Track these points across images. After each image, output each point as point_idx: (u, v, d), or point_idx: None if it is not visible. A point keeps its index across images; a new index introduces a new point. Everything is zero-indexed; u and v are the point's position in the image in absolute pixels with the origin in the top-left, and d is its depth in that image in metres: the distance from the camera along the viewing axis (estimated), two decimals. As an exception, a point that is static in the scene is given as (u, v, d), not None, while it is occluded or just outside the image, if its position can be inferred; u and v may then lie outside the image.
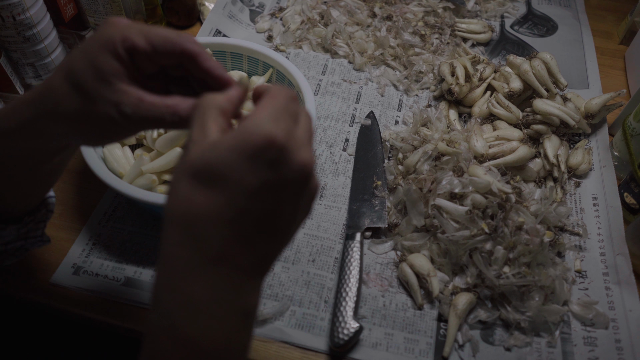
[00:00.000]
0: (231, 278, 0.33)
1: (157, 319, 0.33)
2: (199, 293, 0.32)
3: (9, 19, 0.69)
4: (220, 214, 0.32)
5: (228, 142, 0.31)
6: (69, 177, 0.70)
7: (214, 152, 0.32)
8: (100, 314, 0.58)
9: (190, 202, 0.32)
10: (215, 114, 0.34)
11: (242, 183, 0.31)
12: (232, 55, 0.75)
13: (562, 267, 0.61)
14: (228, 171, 0.31)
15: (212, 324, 0.33)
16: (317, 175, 0.39)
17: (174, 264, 0.33)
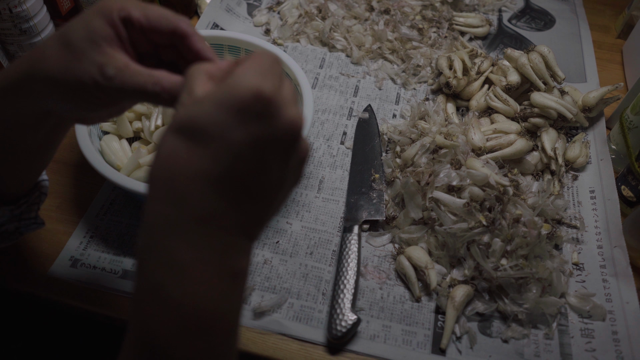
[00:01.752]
0: (217, 239, 0.32)
1: (142, 282, 0.32)
2: (183, 252, 0.31)
3: (5, 11, 0.69)
4: (205, 171, 0.31)
5: (213, 96, 0.31)
6: (67, 170, 0.70)
7: (198, 106, 0.31)
8: (98, 306, 0.58)
9: (174, 158, 0.31)
10: (203, 78, 0.33)
11: (227, 138, 0.30)
12: (229, 48, 0.75)
13: (559, 259, 0.61)
14: (213, 126, 0.30)
15: (198, 285, 0.32)
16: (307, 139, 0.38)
17: (157, 222, 0.32)
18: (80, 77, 0.36)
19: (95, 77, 0.36)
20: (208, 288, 0.32)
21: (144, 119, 0.64)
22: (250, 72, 0.31)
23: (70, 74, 0.36)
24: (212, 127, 0.30)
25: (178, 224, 0.31)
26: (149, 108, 0.64)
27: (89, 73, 0.36)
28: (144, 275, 0.32)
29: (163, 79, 0.36)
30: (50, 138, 0.45)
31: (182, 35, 0.38)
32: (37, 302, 0.60)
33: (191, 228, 0.31)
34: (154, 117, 0.63)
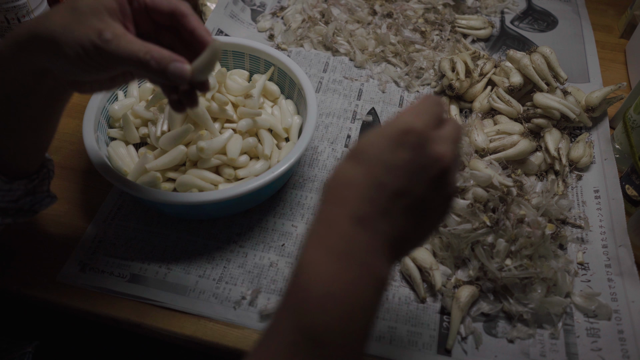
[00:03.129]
0: (368, 239, 0.37)
1: (299, 259, 0.38)
2: (338, 243, 0.37)
3: (13, 21, 0.70)
4: (362, 182, 0.38)
5: (379, 129, 0.39)
6: (75, 176, 0.71)
7: (366, 137, 0.39)
8: (107, 310, 0.58)
9: (342, 172, 0.39)
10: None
11: (381, 158, 0.38)
12: (234, 54, 0.76)
13: (564, 259, 0.61)
14: (371, 148, 0.39)
15: (346, 274, 0.36)
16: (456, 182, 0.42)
17: (322, 217, 0.38)
18: (80, 38, 0.41)
19: (93, 39, 0.41)
20: (354, 279, 0.36)
21: (150, 125, 0.65)
22: (407, 113, 0.39)
23: (71, 34, 0.41)
24: (370, 149, 0.39)
25: (338, 219, 0.37)
26: (154, 114, 0.65)
27: (88, 36, 0.41)
28: (302, 253, 0.38)
29: (153, 50, 0.42)
30: (49, 106, 0.49)
31: (181, 15, 0.45)
32: (47, 306, 0.60)
33: (347, 223, 0.37)
34: (160, 123, 0.64)
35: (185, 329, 0.57)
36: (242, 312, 0.58)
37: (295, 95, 0.73)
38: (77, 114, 0.80)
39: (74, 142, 0.76)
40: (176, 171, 0.63)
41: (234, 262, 0.63)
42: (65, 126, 0.78)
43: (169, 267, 0.62)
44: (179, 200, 0.57)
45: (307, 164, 0.73)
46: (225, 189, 0.58)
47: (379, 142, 0.39)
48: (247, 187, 0.58)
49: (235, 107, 0.68)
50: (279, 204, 0.68)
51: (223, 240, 0.64)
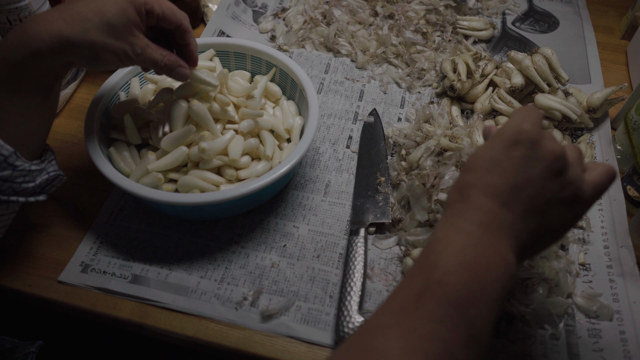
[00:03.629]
0: (493, 228, 0.41)
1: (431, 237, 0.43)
2: (468, 227, 0.42)
3: (15, 22, 0.71)
4: (480, 181, 0.43)
5: (490, 139, 0.45)
6: (76, 176, 0.71)
7: (481, 147, 0.46)
8: (108, 310, 0.58)
9: (460, 180, 0.45)
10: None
11: (497, 158, 0.43)
12: (235, 55, 0.76)
13: (565, 260, 0.61)
14: (486, 152, 0.44)
15: (475, 248, 0.40)
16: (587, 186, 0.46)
17: (450, 212, 0.44)
18: (117, 50, 0.53)
19: (128, 52, 0.54)
20: (481, 252, 0.40)
21: (152, 126, 0.65)
22: (515, 118, 0.45)
23: (109, 47, 0.53)
24: (487, 153, 0.44)
25: (465, 212, 0.43)
26: (156, 115, 0.65)
27: (124, 49, 0.54)
28: (436, 233, 0.43)
29: (166, 57, 0.58)
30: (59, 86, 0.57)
31: (184, 30, 0.59)
32: (48, 307, 0.60)
33: (473, 214, 0.42)
34: (162, 124, 0.64)
35: (187, 330, 0.57)
36: (243, 312, 0.58)
37: (296, 96, 0.73)
38: (79, 115, 0.80)
39: (75, 143, 0.76)
40: (178, 172, 0.64)
41: (235, 262, 0.63)
42: (66, 127, 0.78)
43: (170, 268, 0.62)
44: (181, 201, 0.57)
45: (309, 165, 0.73)
46: (227, 190, 0.58)
47: (494, 146, 0.44)
48: (249, 188, 0.58)
49: (236, 108, 0.68)
50: (281, 204, 0.68)
51: (224, 241, 0.65)
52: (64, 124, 0.79)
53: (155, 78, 0.71)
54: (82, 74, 0.85)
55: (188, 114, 0.63)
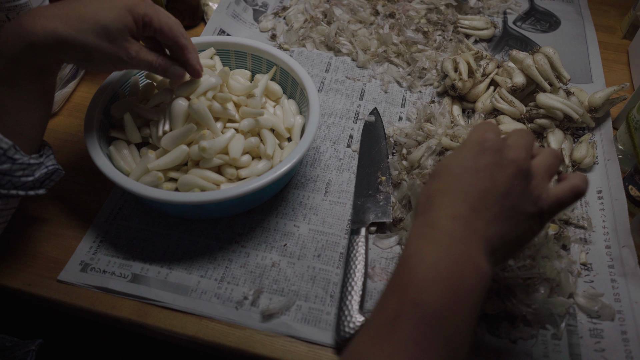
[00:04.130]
0: (465, 234, 0.42)
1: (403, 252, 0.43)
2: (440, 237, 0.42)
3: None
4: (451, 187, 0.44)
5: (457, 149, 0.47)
6: (76, 175, 0.71)
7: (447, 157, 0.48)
8: (108, 309, 0.58)
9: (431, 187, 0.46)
10: None
11: (465, 165, 0.45)
12: (236, 53, 0.76)
13: (567, 259, 0.61)
14: (454, 161, 0.46)
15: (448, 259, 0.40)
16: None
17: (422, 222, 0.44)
18: (111, 54, 0.54)
19: (122, 56, 0.55)
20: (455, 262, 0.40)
21: (152, 125, 0.65)
22: (477, 129, 0.48)
23: (104, 51, 0.53)
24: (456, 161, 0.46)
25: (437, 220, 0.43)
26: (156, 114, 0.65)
27: (117, 53, 0.54)
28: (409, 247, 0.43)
29: (159, 59, 0.59)
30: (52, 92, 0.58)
31: (180, 47, 0.60)
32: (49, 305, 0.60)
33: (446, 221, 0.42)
34: (162, 123, 0.63)
35: (187, 329, 0.57)
36: (244, 312, 0.58)
37: (297, 95, 0.73)
38: (79, 114, 0.80)
39: (75, 141, 0.76)
40: (178, 171, 0.63)
41: (235, 262, 0.62)
42: (66, 126, 0.78)
43: (170, 267, 0.62)
44: (181, 200, 0.57)
45: (310, 164, 0.73)
46: (228, 189, 0.58)
47: (461, 155, 0.46)
48: (249, 187, 0.57)
49: (237, 107, 0.68)
50: (281, 204, 0.68)
51: (225, 240, 0.64)
52: (63, 122, 0.79)
53: (156, 76, 0.71)
54: (81, 72, 0.85)
55: (188, 112, 0.63)
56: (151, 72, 0.60)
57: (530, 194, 0.45)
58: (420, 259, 0.41)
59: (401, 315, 0.38)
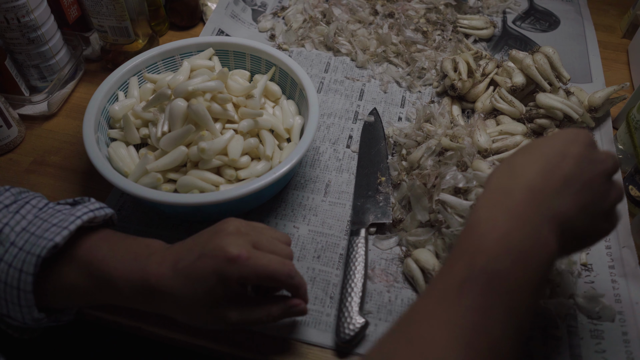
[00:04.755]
0: (540, 210, 0.41)
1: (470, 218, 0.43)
2: (513, 207, 0.41)
3: (13, 21, 0.70)
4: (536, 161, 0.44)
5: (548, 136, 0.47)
6: (75, 177, 0.71)
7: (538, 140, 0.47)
8: (108, 312, 0.58)
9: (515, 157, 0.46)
10: None
11: (556, 148, 0.44)
12: (234, 54, 0.75)
13: (567, 260, 0.61)
14: (544, 142, 0.46)
15: (520, 232, 0.40)
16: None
17: (495, 186, 0.44)
18: (213, 325, 0.49)
19: (222, 325, 0.48)
20: (526, 236, 0.40)
21: (151, 126, 0.65)
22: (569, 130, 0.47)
23: (204, 322, 0.49)
24: (548, 142, 0.45)
25: (513, 188, 0.42)
26: (155, 115, 0.65)
27: (217, 323, 0.48)
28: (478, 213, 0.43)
29: (272, 309, 0.49)
30: None
31: (291, 289, 0.50)
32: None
33: (522, 192, 0.42)
34: (161, 124, 0.63)
35: (187, 332, 0.57)
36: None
37: (296, 96, 0.72)
38: (78, 115, 0.80)
39: (74, 142, 0.75)
40: (177, 172, 0.63)
41: (235, 263, 0.62)
42: (65, 127, 0.78)
43: (170, 269, 0.61)
44: (180, 202, 0.56)
45: (309, 165, 0.73)
46: (227, 190, 0.57)
47: (554, 139, 0.45)
48: (249, 188, 0.57)
49: (236, 108, 0.68)
50: (281, 205, 0.68)
51: (224, 241, 0.64)
52: (62, 123, 0.79)
53: (154, 77, 0.71)
54: (80, 73, 0.85)
55: (187, 113, 0.62)
56: (266, 324, 0.53)
57: (613, 191, 0.45)
58: (492, 226, 0.40)
59: (469, 280, 0.38)
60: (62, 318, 0.53)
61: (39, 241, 0.47)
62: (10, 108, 0.73)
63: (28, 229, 0.48)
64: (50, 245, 0.46)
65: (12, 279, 0.46)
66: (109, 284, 0.48)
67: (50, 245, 0.46)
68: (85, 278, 0.49)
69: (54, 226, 0.48)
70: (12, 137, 0.74)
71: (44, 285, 0.49)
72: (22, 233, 0.48)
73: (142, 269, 0.48)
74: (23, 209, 0.50)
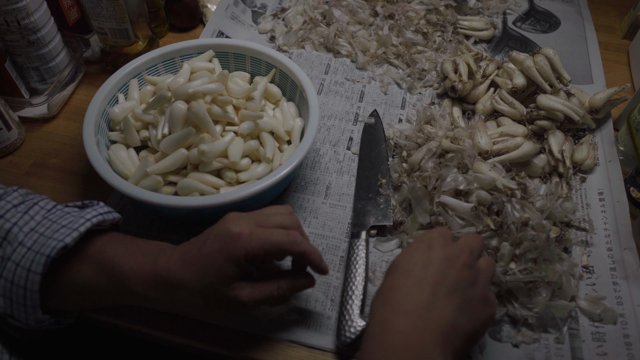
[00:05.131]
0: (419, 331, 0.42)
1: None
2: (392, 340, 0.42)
3: (13, 23, 0.70)
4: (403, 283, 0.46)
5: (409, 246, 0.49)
6: (75, 179, 0.71)
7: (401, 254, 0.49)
8: (109, 315, 0.58)
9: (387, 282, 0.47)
10: None
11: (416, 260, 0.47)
12: (235, 56, 0.75)
13: (569, 262, 0.61)
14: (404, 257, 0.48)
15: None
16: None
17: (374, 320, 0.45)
18: (225, 309, 0.49)
19: (234, 306, 0.48)
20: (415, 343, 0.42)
21: (151, 128, 0.64)
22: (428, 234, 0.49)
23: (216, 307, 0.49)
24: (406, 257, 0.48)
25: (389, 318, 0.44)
26: (155, 117, 0.64)
27: (229, 305, 0.48)
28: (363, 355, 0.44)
29: (281, 283, 0.50)
30: None
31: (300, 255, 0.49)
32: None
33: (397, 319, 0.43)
34: (161, 126, 0.63)
35: (187, 335, 0.57)
36: (244, 316, 0.58)
37: (297, 98, 0.72)
38: (78, 117, 0.80)
39: (74, 145, 0.75)
40: (177, 174, 0.63)
41: (235, 266, 0.62)
42: (65, 129, 0.78)
43: (170, 272, 0.61)
44: (181, 204, 0.56)
45: (309, 167, 0.73)
46: (227, 193, 0.57)
47: (411, 251, 0.47)
48: (249, 191, 0.57)
49: (236, 110, 0.68)
50: (281, 207, 0.68)
51: (225, 244, 0.64)
52: (62, 125, 0.78)
53: (154, 79, 0.71)
54: (80, 75, 0.85)
55: (187, 115, 0.62)
56: (278, 303, 0.54)
57: (479, 280, 0.47)
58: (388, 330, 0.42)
59: None
60: (62, 321, 0.53)
61: (48, 241, 0.47)
62: (10, 110, 0.73)
63: (37, 230, 0.49)
64: (60, 246, 0.47)
65: (19, 279, 0.47)
66: (120, 280, 0.49)
67: (60, 246, 0.47)
68: (97, 275, 0.49)
69: (64, 227, 0.49)
70: (12, 139, 0.74)
71: (53, 285, 0.49)
72: (31, 233, 0.49)
73: (153, 263, 0.49)
74: (32, 209, 0.51)
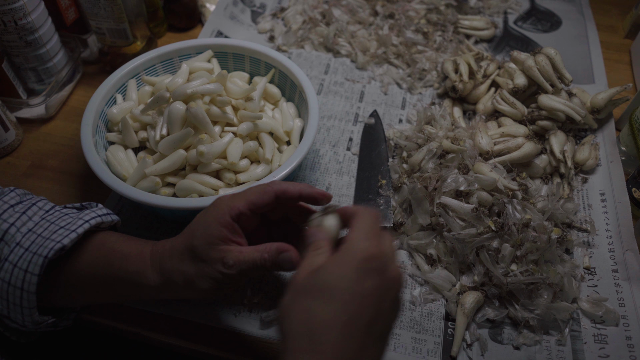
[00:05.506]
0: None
1: None
2: None
3: (10, 23, 0.69)
4: (336, 320, 0.37)
5: (336, 261, 0.40)
6: (73, 181, 0.70)
7: (323, 271, 0.39)
8: (106, 317, 0.58)
9: (310, 315, 0.38)
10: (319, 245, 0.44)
11: (351, 290, 0.38)
12: (234, 56, 0.75)
13: (570, 264, 0.60)
14: (339, 282, 0.38)
15: None
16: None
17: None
18: (210, 273, 0.46)
19: (220, 269, 0.46)
20: None
21: (149, 129, 0.64)
22: (361, 237, 0.41)
23: (202, 273, 0.46)
24: (341, 284, 0.38)
25: None
26: (153, 118, 0.64)
27: (215, 268, 0.46)
28: None
29: (264, 250, 0.47)
30: None
31: (282, 195, 0.48)
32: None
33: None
34: (159, 127, 0.63)
35: (186, 337, 0.56)
36: (243, 318, 0.57)
37: (296, 98, 0.72)
38: (76, 118, 0.79)
39: (72, 146, 0.75)
40: (176, 176, 0.63)
41: (234, 268, 0.62)
42: (63, 130, 0.77)
43: (168, 274, 0.61)
44: (179, 206, 0.56)
45: (309, 168, 0.72)
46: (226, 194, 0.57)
47: (345, 274, 0.39)
48: (248, 192, 0.57)
49: (235, 110, 0.67)
50: (280, 208, 0.67)
51: (224, 245, 0.64)
52: (60, 126, 0.78)
53: (153, 80, 0.70)
54: (78, 75, 0.84)
55: (186, 116, 0.62)
56: (262, 270, 0.48)
57: (400, 299, 0.43)
58: None
59: None
60: (60, 323, 0.53)
61: (45, 242, 0.47)
62: (7, 111, 0.73)
63: (35, 230, 0.49)
64: (57, 247, 0.47)
65: (16, 279, 0.47)
66: (120, 262, 0.49)
67: (58, 247, 0.47)
68: (96, 260, 0.50)
69: (62, 228, 0.49)
70: (10, 140, 0.73)
71: (54, 280, 0.49)
72: (29, 234, 0.48)
73: (152, 244, 0.50)
74: (29, 210, 0.51)
